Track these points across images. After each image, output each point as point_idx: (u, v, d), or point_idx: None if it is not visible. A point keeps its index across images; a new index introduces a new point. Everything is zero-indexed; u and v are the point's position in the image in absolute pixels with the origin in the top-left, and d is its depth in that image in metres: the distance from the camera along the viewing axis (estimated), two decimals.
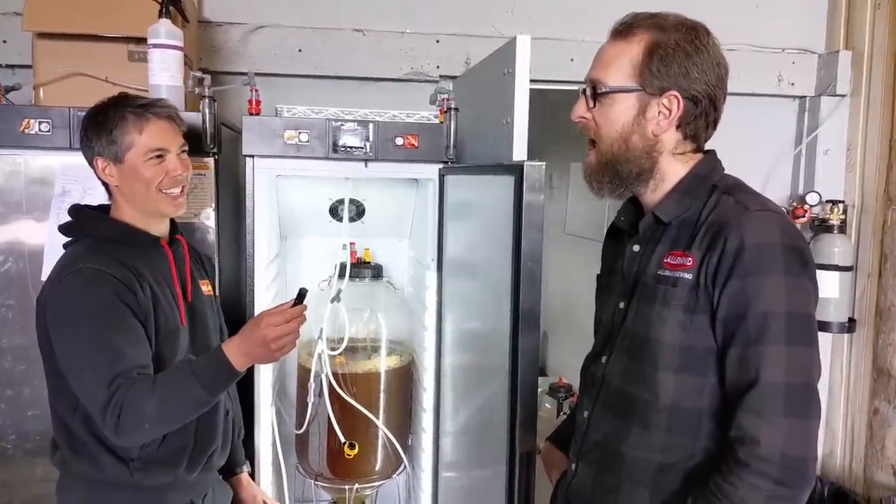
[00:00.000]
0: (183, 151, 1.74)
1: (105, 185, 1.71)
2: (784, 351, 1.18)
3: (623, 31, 1.34)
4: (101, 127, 1.64)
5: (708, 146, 1.41)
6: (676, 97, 1.29)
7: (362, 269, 2.54)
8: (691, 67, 1.28)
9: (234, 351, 1.55)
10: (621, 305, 1.43)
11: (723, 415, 1.26)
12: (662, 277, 1.31)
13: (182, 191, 1.73)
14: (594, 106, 1.36)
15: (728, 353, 1.23)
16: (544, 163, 1.55)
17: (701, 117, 1.32)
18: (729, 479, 1.18)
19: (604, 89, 1.33)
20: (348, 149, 2.16)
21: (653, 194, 1.39)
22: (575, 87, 3.02)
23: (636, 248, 1.42)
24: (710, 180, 1.34)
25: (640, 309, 1.36)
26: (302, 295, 1.60)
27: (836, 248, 2.95)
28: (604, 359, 1.46)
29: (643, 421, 1.34)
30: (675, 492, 1.31)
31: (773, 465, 1.15)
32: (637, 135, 1.33)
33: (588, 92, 1.36)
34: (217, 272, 2.09)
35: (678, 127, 1.33)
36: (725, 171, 1.39)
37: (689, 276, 1.27)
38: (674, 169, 1.36)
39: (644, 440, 1.34)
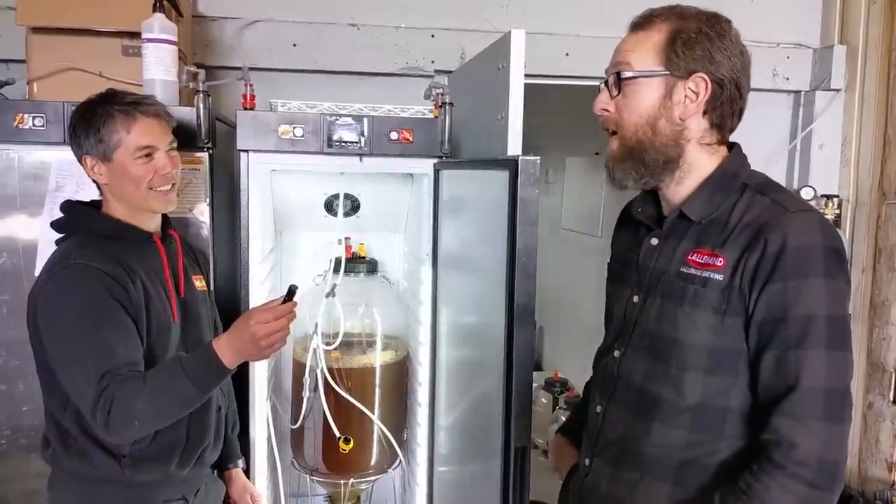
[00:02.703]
0: (172, 148, 1.73)
1: (95, 182, 1.71)
2: (825, 355, 1.17)
3: (642, 22, 1.33)
4: (88, 125, 1.64)
5: None
6: (704, 79, 1.27)
7: (357, 263, 2.53)
8: (715, 52, 1.27)
9: (225, 348, 1.55)
10: (636, 300, 1.40)
11: (748, 414, 1.25)
12: (688, 276, 1.28)
13: (173, 187, 1.73)
14: (618, 94, 1.33)
15: (764, 356, 1.21)
16: (539, 157, 1.54)
17: (727, 103, 1.30)
18: (761, 478, 1.17)
19: (629, 74, 1.31)
20: (343, 143, 2.16)
21: (677, 187, 1.35)
22: (570, 82, 3.03)
23: (654, 241, 1.39)
24: (739, 178, 1.31)
25: (662, 307, 1.33)
26: (292, 292, 1.60)
27: None
28: (616, 353, 1.44)
29: (666, 419, 1.32)
30: (696, 487, 1.30)
31: (808, 469, 1.15)
32: (664, 119, 1.30)
33: (612, 81, 1.34)
34: (212, 267, 2.09)
35: (704, 113, 1.30)
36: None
37: (719, 276, 1.24)
38: (700, 160, 1.33)
39: (666, 438, 1.32)
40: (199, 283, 1.87)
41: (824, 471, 1.15)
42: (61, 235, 1.70)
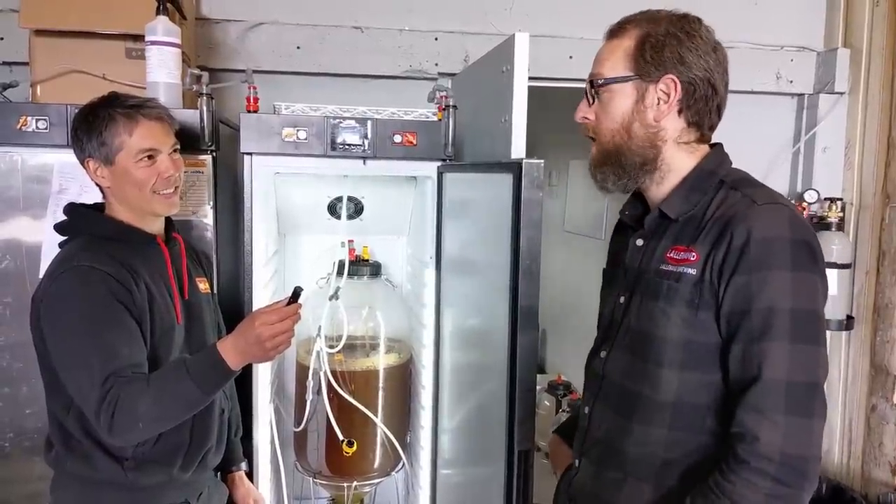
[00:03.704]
0: (175, 151, 1.73)
1: (98, 185, 1.71)
2: (787, 347, 1.17)
3: (615, 30, 1.37)
4: (90, 129, 1.63)
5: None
6: (674, 80, 1.30)
7: (361, 266, 2.54)
8: (685, 52, 1.30)
9: (229, 350, 1.55)
10: (621, 300, 1.42)
11: (726, 411, 1.25)
12: (665, 272, 1.31)
13: (175, 190, 1.73)
14: (594, 102, 1.37)
15: (731, 348, 1.22)
16: (543, 160, 1.55)
17: (702, 101, 1.32)
18: (728, 476, 1.17)
19: (601, 81, 1.35)
20: (347, 146, 2.16)
21: (658, 187, 1.38)
22: (574, 85, 3.03)
23: (639, 242, 1.42)
24: (717, 175, 1.34)
25: (642, 304, 1.35)
26: (297, 294, 1.60)
27: (834, 246, 2.95)
28: (603, 353, 1.46)
29: (645, 418, 1.33)
30: (677, 487, 1.30)
31: (771, 463, 1.14)
32: (638, 122, 1.33)
33: (588, 89, 1.38)
34: (215, 270, 2.09)
35: (680, 113, 1.33)
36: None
37: (692, 271, 1.26)
38: (679, 160, 1.35)
39: (646, 437, 1.33)
40: (203, 286, 1.87)
41: (788, 465, 1.14)
42: (64, 238, 1.70)
